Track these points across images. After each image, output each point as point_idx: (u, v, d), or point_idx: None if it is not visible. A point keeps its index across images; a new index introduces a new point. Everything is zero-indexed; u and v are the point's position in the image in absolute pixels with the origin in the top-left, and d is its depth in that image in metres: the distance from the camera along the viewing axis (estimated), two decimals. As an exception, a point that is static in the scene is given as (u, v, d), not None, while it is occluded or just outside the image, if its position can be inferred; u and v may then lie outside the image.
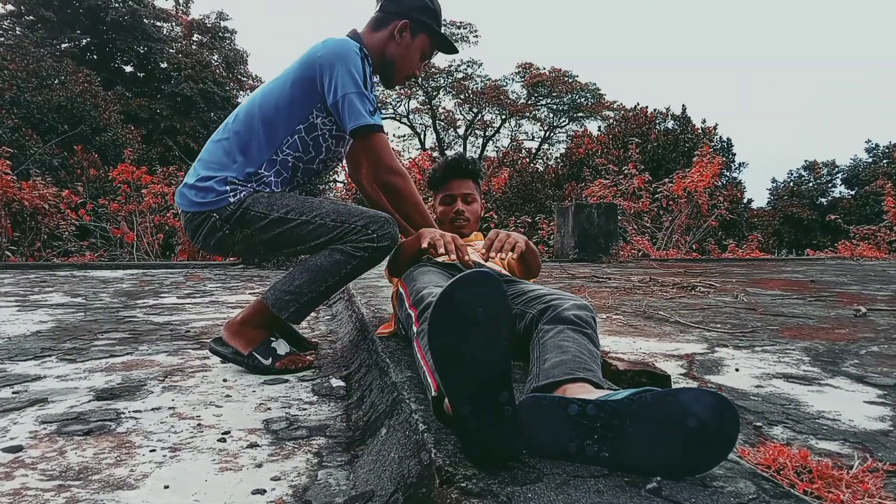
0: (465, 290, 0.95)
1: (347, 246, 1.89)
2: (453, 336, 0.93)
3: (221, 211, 1.90)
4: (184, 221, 2.02)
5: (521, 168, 17.84)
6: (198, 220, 1.95)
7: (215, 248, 2.01)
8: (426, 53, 2.04)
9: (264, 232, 1.91)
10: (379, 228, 1.89)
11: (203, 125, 21.92)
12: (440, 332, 0.94)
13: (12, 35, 20.56)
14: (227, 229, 1.92)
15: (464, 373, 0.93)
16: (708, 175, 10.11)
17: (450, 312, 0.94)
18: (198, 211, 1.93)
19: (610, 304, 3.39)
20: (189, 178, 1.98)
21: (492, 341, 0.94)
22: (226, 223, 1.92)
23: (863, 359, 2.03)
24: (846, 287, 4.47)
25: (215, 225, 1.92)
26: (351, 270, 1.93)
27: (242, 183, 1.92)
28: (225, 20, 25.91)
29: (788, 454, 1.09)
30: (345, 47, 1.87)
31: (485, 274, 0.96)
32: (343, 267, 1.91)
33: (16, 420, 1.45)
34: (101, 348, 2.33)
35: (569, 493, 0.81)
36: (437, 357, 0.95)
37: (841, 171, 26.32)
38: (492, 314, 0.94)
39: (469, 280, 0.95)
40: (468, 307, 0.94)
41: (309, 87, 1.90)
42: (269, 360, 1.94)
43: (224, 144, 1.97)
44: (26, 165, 11.56)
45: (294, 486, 1.11)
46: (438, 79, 30.00)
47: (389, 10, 1.98)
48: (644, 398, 0.91)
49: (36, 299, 3.96)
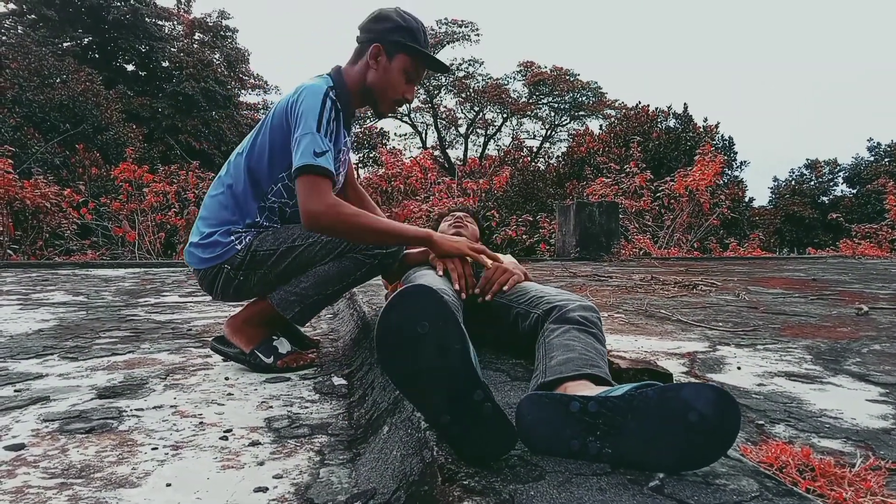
0: (401, 310, 0.94)
1: (358, 255, 1.91)
2: (403, 358, 0.93)
3: (232, 261, 1.93)
4: (198, 279, 2.04)
5: (523, 167, 17.83)
6: (211, 275, 1.98)
7: (234, 296, 2.03)
8: (411, 74, 1.95)
9: (277, 265, 1.93)
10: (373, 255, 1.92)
11: (204, 124, 21.93)
12: (388, 358, 0.94)
13: (14, 34, 20.58)
14: (242, 276, 1.95)
15: (428, 388, 0.93)
16: (709, 174, 10.09)
17: (392, 336, 0.93)
18: (209, 267, 1.96)
19: (611, 303, 3.38)
20: (193, 237, 2.00)
21: (443, 350, 0.93)
22: (238, 270, 1.94)
23: (865, 357, 2.03)
24: (848, 285, 4.47)
25: (229, 275, 1.95)
26: (360, 276, 1.96)
27: (245, 230, 1.96)
28: (226, 19, 25.92)
29: (791, 452, 1.09)
30: (312, 92, 1.84)
31: (416, 287, 0.96)
32: (352, 273, 1.93)
33: (18, 418, 1.46)
34: (102, 347, 2.33)
35: (571, 491, 0.81)
36: (396, 382, 0.95)
37: (843, 170, 26.29)
38: (435, 324, 0.94)
39: (402, 298, 0.94)
40: (408, 325, 0.93)
41: (287, 134, 1.88)
42: (271, 359, 1.95)
43: (220, 199, 1.98)
44: (28, 164, 11.58)
45: (296, 484, 1.11)
46: (440, 77, 29.98)
47: (363, 39, 1.94)
48: (645, 393, 0.91)
49: (38, 298, 3.97)
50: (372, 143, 27.06)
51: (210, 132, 22.00)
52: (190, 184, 9.88)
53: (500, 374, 1.45)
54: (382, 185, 11.43)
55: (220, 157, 20.95)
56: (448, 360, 0.93)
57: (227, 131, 22.49)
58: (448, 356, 0.93)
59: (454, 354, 0.94)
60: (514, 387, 1.34)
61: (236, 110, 24.34)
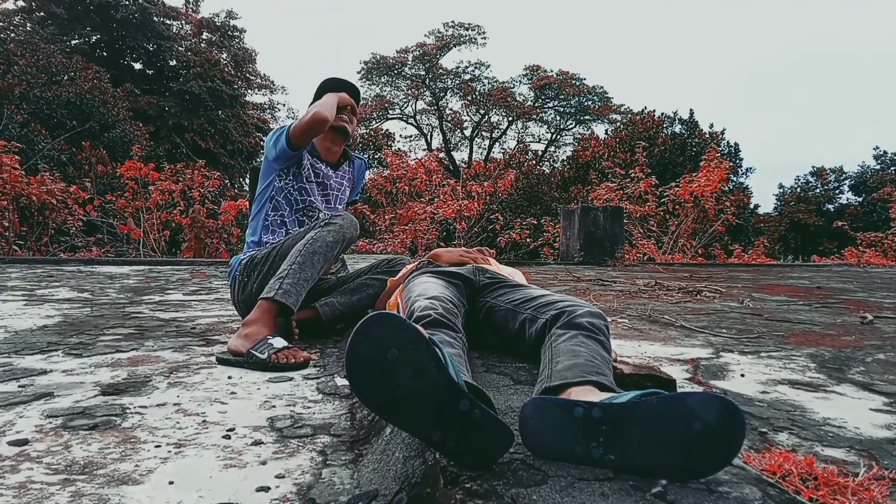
0: (367, 340, 0.92)
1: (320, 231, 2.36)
2: (379, 388, 0.92)
3: (241, 269, 2.47)
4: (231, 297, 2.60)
5: (528, 170, 17.85)
6: (232, 290, 2.54)
7: (248, 300, 2.40)
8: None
9: (266, 264, 2.40)
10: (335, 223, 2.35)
11: (211, 123, 22.00)
12: (364, 389, 0.92)
13: (23, 31, 20.70)
14: (245, 278, 2.45)
15: (411, 412, 0.92)
16: (715, 180, 10.07)
17: (363, 368, 0.92)
18: (231, 282, 2.54)
19: (615, 308, 3.38)
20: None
21: (419, 371, 0.92)
22: (242, 275, 2.46)
23: (869, 366, 2.02)
24: (853, 294, 4.45)
25: (242, 281, 2.46)
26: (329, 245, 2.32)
27: (254, 245, 2.55)
28: (234, 19, 26.05)
29: (794, 460, 1.09)
30: (272, 133, 2.59)
31: (377, 316, 0.94)
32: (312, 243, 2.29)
33: (22, 413, 1.46)
34: (106, 343, 2.34)
35: (574, 496, 0.81)
36: (379, 412, 0.95)
37: (848, 178, 26.19)
38: (405, 348, 0.92)
39: (366, 328, 0.93)
40: (377, 353, 0.91)
41: (268, 164, 2.58)
42: (265, 355, 1.97)
43: (249, 225, 2.67)
44: (35, 160, 11.63)
45: (298, 483, 1.11)
46: (446, 80, 30.02)
47: None
48: (650, 401, 0.90)
49: (42, 294, 3.98)
50: (377, 144, 27.09)
51: (216, 131, 22.08)
52: (195, 182, 9.89)
53: (502, 378, 1.45)
54: (387, 187, 11.45)
55: (226, 155, 21.03)
56: (426, 381, 0.92)
57: (233, 131, 22.56)
58: (425, 377, 0.92)
59: (430, 373, 0.93)
60: (517, 390, 1.34)
61: (242, 110, 24.42)
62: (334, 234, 2.31)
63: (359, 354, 0.92)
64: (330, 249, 2.30)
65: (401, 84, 30.35)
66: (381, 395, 0.92)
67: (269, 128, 27.69)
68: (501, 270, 2.05)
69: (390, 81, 30.20)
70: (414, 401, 0.92)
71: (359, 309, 2.50)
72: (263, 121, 27.64)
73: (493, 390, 1.31)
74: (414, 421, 0.93)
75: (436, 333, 1.34)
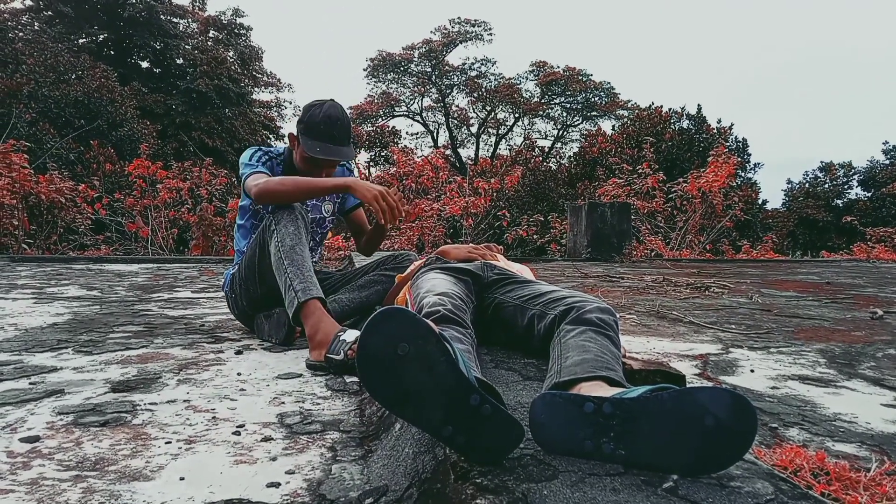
0: (378, 335, 0.92)
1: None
2: (389, 383, 0.92)
3: (229, 286, 2.49)
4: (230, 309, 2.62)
5: (534, 167, 17.79)
6: (228, 305, 2.58)
7: (244, 315, 2.52)
8: (308, 161, 2.35)
9: (248, 269, 2.38)
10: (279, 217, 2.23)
11: (218, 121, 22.06)
12: (374, 385, 0.93)
13: (31, 30, 20.81)
14: (234, 294, 2.47)
15: (421, 407, 0.92)
16: (723, 175, 10.02)
17: (373, 363, 0.92)
18: (225, 297, 2.60)
19: (623, 304, 3.37)
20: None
21: (429, 366, 0.92)
22: (231, 291, 2.48)
23: (879, 361, 2.01)
24: (862, 289, 4.43)
25: (232, 297, 2.49)
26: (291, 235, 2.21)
27: (240, 255, 2.49)
28: (240, 17, 26.07)
29: (805, 456, 1.08)
30: (244, 154, 2.47)
31: (389, 310, 0.94)
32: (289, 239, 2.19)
33: (33, 411, 1.47)
34: (116, 341, 2.35)
35: (584, 491, 0.81)
36: (389, 408, 0.95)
37: (857, 173, 25.99)
38: (416, 343, 0.92)
39: (377, 323, 0.93)
40: (388, 349, 0.92)
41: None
42: (341, 356, 1.86)
43: (235, 234, 2.63)
44: (43, 159, 11.67)
45: (308, 479, 1.11)
46: (452, 77, 30.00)
47: None
48: (661, 396, 0.90)
49: (52, 292, 4.00)
50: (384, 141, 27.11)
51: (223, 129, 22.14)
52: (203, 180, 9.93)
53: (511, 374, 1.45)
54: (394, 184, 11.44)
55: (233, 153, 21.05)
56: (436, 376, 0.92)
57: (240, 129, 22.63)
58: (435, 371, 0.92)
59: (441, 368, 0.93)
60: (526, 386, 1.34)
61: (249, 108, 24.49)
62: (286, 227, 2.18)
63: (369, 349, 0.92)
64: (294, 237, 2.16)
65: (407, 81, 30.36)
66: (391, 390, 0.92)
67: (275, 126, 27.77)
68: (510, 267, 2.05)
69: (396, 78, 30.21)
70: (424, 396, 0.92)
71: (367, 305, 2.49)
72: (270, 118, 27.70)
73: (502, 386, 1.31)
74: (424, 416, 0.93)
75: (445, 329, 1.34)
